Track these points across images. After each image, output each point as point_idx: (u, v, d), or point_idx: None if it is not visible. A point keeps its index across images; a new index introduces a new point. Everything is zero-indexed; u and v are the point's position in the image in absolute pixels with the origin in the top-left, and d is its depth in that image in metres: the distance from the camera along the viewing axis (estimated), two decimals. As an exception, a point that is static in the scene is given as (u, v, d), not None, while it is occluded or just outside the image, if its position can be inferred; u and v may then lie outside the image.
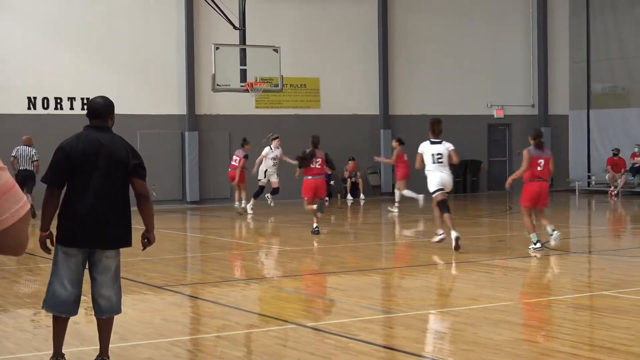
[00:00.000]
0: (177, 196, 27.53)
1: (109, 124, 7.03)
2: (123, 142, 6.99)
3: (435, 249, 14.95)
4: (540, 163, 14.80)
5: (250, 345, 8.18)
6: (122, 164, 6.84)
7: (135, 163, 6.88)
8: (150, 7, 27.32)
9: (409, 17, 31.02)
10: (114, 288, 7.00)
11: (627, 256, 14.67)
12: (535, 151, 14.83)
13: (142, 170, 6.93)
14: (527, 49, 33.18)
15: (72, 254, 6.86)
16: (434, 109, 31.28)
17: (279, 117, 28.70)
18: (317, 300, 10.90)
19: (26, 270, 13.32)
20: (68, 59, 26.17)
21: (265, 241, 17.90)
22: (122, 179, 6.87)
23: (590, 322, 8.96)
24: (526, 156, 14.82)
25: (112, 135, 6.98)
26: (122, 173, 6.85)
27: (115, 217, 6.85)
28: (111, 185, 6.83)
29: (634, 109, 31.58)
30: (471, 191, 31.62)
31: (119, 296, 7.04)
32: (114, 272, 6.97)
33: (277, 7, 28.78)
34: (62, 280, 6.87)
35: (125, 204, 6.92)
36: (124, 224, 6.90)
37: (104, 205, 6.81)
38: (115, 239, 6.89)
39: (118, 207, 6.87)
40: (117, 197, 6.85)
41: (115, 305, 7.02)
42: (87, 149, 6.82)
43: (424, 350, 7.57)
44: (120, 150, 6.89)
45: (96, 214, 6.78)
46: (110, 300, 6.98)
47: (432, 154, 15.06)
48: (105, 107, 7.04)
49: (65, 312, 6.97)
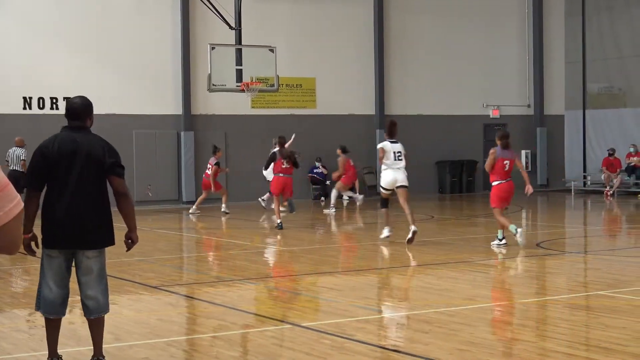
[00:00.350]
0: (172, 196, 27.51)
1: (87, 124, 6.97)
2: (100, 141, 6.92)
3: (431, 250, 14.94)
4: (506, 164, 15.09)
5: (246, 345, 8.18)
6: (98, 163, 6.79)
7: (111, 161, 6.81)
8: (146, 7, 27.29)
9: (405, 17, 31.03)
10: (99, 288, 6.93)
11: (623, 256, 14.69)
12: (502, 152, 15.12)
13: (119, 169, 6.86)
14: (522, 49, 33.21)
15: (54, 256, 6.88)
16: (430, 109, 31.34)
17: (274, 117, 28.69)
18: (313, 300, 10.90)
19: (22, 270, 13.29)
20: (64, 59, 26.14)
21: (261, 241, 17.89)
22: (100, 178, 6.83)
23: (586, 322, 8.96)
24: (491, 155, 15.12)
25: (89, 135, 6.93)
26: (99, 172, 6.81)
27: (94, 217, 6.81)
28: (89, 185, 6.79)
29: (630, 109, 31.62)
30: (467, 191, 31.64)
31: (105, 296, 6.98)
32: (97, 273, 6.90)
33: (273, 7, 28.77)
34: (48, 282, 6.90)
35: (104, 203, 6.88)
36: (103, 223, 6.86)
37: (82, 205, 6.77)
38: (94, 239, 6.85)
39: (96, 207, 6.83)
40: (95, 196, 6.81)
41: (103, 305, 6.97)
42: (63, 150, 6.79)
43: (419, 350, 7.57)
44: (97, 149, 6.82)
45: (74, 215, 6.76)
46: (96, 301, 6.93)
47: (393, 152, 15.76)
48: (83, 107, 6.97)
49: (53, 313, 6.96)
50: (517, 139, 33.33)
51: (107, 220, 6.90)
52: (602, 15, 32.41)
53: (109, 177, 6.84)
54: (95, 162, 6.79)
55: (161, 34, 27.45)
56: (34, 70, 25.77)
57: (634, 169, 29.72)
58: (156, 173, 27.20)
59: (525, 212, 24.42)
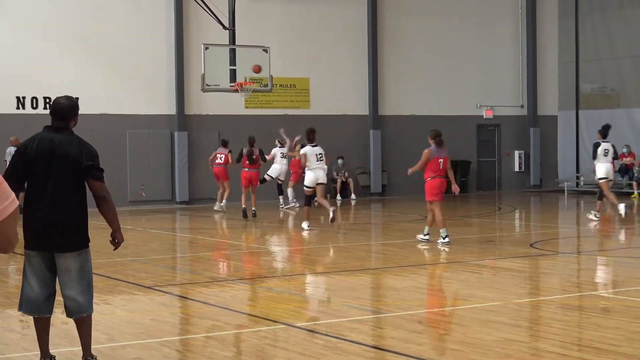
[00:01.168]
0: (166, 196, 27.49)
1: (70, 124, 6.93)
2: (79, 143, 6.85)
3: (425, 250, 14.95)
4: (441, 162, 15.62)
5: (239, 345, 8.17)
6: (75, 165, 6.73)
7: (88, 164, 6.75)
8: (140, 7, 27.27)
9: (399, 17, 31.04)
10: (78, 289, 6.84)
11: (616, 257, 14.71)
12: (437, 151, 15.64)
13: (97, 172, 6.80)
14: (516, 50, 33.25)
15: (32, 256, 6.87)
16: (424, 109, 31.35)
17: (268, 117, 28.69)
18: (307, 300, 10.90)
19: (15, 270, 13.27)
20: (57, 59, 26.10)
21: (255, 241, 17.88)
22: (76, 180, 6.76)
23: (579, 322, 8.98)
24: (426, 155, 15.58)
25: (69, 136, 6.86)
26: (75, 174, 6.75)
27: (67, 219, 6.76)
28: (64, 187, 6.74)
29: (623, 109, 31.67)
30: (461, 191, 31.57)
31: (86, 296, 6.87)
32: (75, 273, 6.82)
33: (267, 7, 28.76)
34: (30, 281, 6.89)
35: (79, 205, 6.82)
36: (76, 225, 6.81)
37: (56, 207, 6.72)
38: (67, 241, 6.79)
39: (71, 209, 6.77)
40: (69, 198, 6.76)
41: (83, 306, 6.87)
42: (41, 150, 6.75)
43: (413, 350, 7.57)
44: (74, 150, 6.76)
45: (47, 216, 6.72)
46: (75, 301, 6.86)
47: (315, 154, 17.99)
48: (69, 108, 6.94)
49: (36, 312, 6.94)
50: (510, 140, 33.47)
51: (80, 222, 6.83)
52: (595, 16, 32.47)
53: (87, 180, 6.78)
54: (71, 163, 6.73)
55: (155, 34, 27.42)
56: (28, 70, 25.73)
57: (627, 170, 29.77)
58: (150, 173, 27.17)
59: (519, 212, 24.45)
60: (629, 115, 31.37)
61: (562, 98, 33.52)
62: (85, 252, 6.89)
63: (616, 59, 31.83)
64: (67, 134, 6.86)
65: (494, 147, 33.33)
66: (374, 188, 30.58)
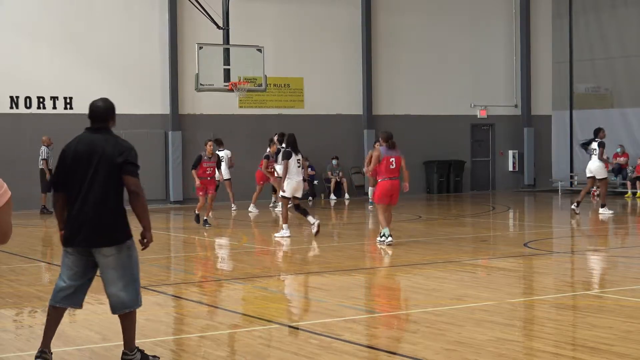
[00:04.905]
0: (160, 196, 27.46)
1: (108, 125, 7.11)
2: (115, 141, 7.01)
3: (419, 249, 14.96)
4: (392, 162, 15.56)
5: (233, 345, 8.17)
6: (110, 162, 6.88)
7: (122, 160, 6.89)
8: (133, 6, 27.25)
9: (393, 17, 31.06)
10: (120, 285, 6.94)
11: (610, 256, 14.74)
12: (387, 151, 15.60)
13: (131, 167, 6.92)
14: (510, 50, 33.28)
15: (70, 253, 7.03)
16: (418, 109, 31.38)
17: (262, 117, 28.69)
18: (301, 300, 10.90)
19: (8, 270, 13.25)
20: (51, 59, 26.07)
21: (249, 241, 17.88)
22: (113, 178, 6.89)
23: (573, 321, 8.99)
24: (375, 155, 15.58)
25: (107, 136, 7.03)
26: (111, 171, 6.88)
27: (103, 215, 6.88)
28: (100, 184, 6.87)
29: (617, 109, 31.72)
30: (454, 191, 31.68)
31: (129, 291, 6.96)
32: (116, 270, 6.93)
33: (261, 7, 28.75)
34: (62, 276, 7.07)
35: (115, 201, 6.93)
36: (113, 221, 6.91)
37: (93, 204, 6.87)
38: (103, 236, 6.90)
39: (106, 206, 6.89)
40: (105, 195, 6.88)
41: (127, 301, 6.97)
42: (80, 150, 6.97)
43: (407, 350, 7.58)
44: (109, 148, 6.92)
45: (86, 214, 6.88)
46: (117, 297, 6.97)
47: (296, 161, 17.21)
48: (104, 110, 7.12)
49: (58, 301, 7.04)
50: (504, 139, 33.50)
51: (116, 218, 6.94)
52: (589, 16, 32.51)
53: (122, 176, 6.91)
54: (107, 161, 6.88)
55: (149, 34, 27.40)
56: (21, 69, 25.69)
57: (621, 169, 29.82)
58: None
59: (513, 212, 24.49)
60: (622, 115, 31.42)
61: (556, 98, 33.57)
62: (126, 247, 6.97)
63: (610, 59, 31.87)
64: (104, 133, 7.04)
65: (488, 147, 33.36)
66: (368, 188, 30.56)
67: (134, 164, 6.95)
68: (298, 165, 17.18)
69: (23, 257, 14.73)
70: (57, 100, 26.17)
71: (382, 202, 15.63)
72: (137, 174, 6.94)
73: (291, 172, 17.12)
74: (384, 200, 15.61)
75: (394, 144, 15.69)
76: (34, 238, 18.55)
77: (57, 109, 26.03)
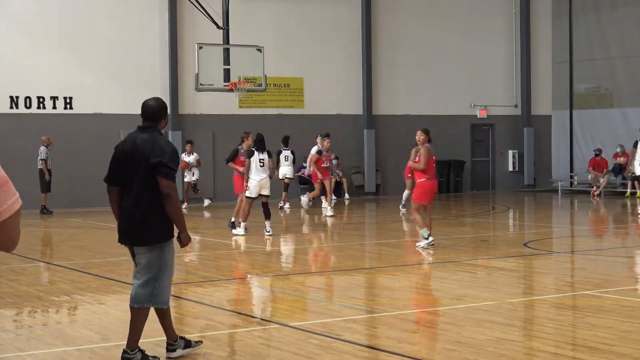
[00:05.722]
0: (160, 196, 27.41)
1: (158, 125, 7.23)
2: (154, 141, 7.06)
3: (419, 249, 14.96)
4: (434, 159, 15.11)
5: (233, 345, 8.17)
6: (146, 162, 6.96)
7: (156, 161, 6.94)
8: (133, 6, 27.24)
9: (393, 17, 31.06)
10: (141, 280, 7.09)
11: (610, 256, 14.74)
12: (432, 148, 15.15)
13: (163, 168, 6.94)
14: (510, 50, 33.29)
15: (127, 250, 7.27)
16: (417, 109, 31.36)
17: (262, 116, 28.68)
18: (301, 300, 10.90)
19: (8, 270, 13.25)
20: (51, 59, 26.06)
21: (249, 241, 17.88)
22: (149, 177, 6.96)
23: (572, 321, 8.99)
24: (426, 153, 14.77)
25: (151, 135, 7.10)
26: (147, 171, 6.97)
27: (138, 215, 7.01)
28: (139, 184, 7.00)
29: (617, 109, 31.73)
30: (454, 191, 31.69)
31: (146, 288, 7.07)
32: (142, 266, 7.08)
33: (260, 7, 28.75)
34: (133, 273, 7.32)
35: (150, 202, 6.98)
36: (146, 222, 7.00)
37: (132, 203, 7.03)
38: (136, 236, 7.06)
39: (142, 205, 6.99)
40: (142, 195, 6.99)
41: (140, 297, 7.08)
42: (126, 149, 7.12)
43: (406, 350, 7.58)
44: (147, 148, 6.99)
45: (126, 211, 7.06)
46: (135, 290, 7.12)
47: (257, 160, 17.25)
48: (153, 109, 7.26)
49: (130, 300, 7.21)
50: (504, 139, 33.50)
51: (153, 219, 6.99)
52: (589, 16, 32.51)
53: (156, 177, 6.95)
54: (145, 161, 6.97)
55: (149, 34, 27.40)
56: (21, 69, 25.69)
57: (621, 169, 29.82)
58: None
59: (512, 212, 24.48)
60: (622, 115, 31.43)
61: (556, 98, 33.57)
62: (159, 247, 7.05)
63: (610, 59, 31.88)
64: (150, 132, 7.13)
65: (488, 147, 33.36)
66: (368, 187, 30.60)
67: (167, 166, 6.94)
68: (261, 164, 17.21)
69: (23, 257, 14.73)
70: (57, 100, 26.16)
71: (421, 201, 14.83)
72: (170, 176, 6.96)
73: (252, 171, 17.24)
74: (422, 200, 14.81)
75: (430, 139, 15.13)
76: (33, 238, 18.55)
77: (57, 109, 26.02)
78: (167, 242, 7.08)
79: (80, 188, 25.48)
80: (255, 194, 17.33)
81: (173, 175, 6.99)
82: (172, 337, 7.35)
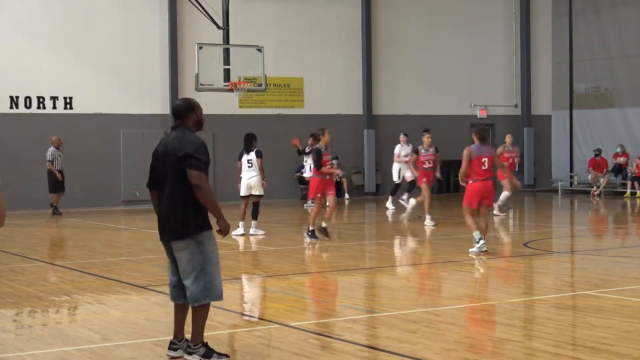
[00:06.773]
0: (160, 196, 27.42)
1: (187, 122, 7.27)
2: (182, 136, 7.16)
3: (419, 249, 14.96)
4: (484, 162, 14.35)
5: (234, 345, 8.17)
6: (175, 157, 7.05)
7: (183, 153, 7.02)
8: (133, 6, 27.25)
9: (393, 17, 31.06)
10: (190, 278, 7.12)
11: (610, 256, 14.73)
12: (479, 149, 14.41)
13: (191, 159, 7.00)
14: (510, 50, 33.29)
15: (164, 247, 7.35)
16: (417, 109, 31.37)
17: (262, 116, 28.69)
18: (301, 300, 10.90)
19: (8, 270, 13.25)
20: (51, 59, 26.07)
21: (249, 241, 17.88)
22: (179, 172, 7.04)
23: (572, 321, 8.99)
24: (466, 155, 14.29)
25: (180, 133, 7.20)
26: (177, 166, 7.04)
27: (172, 211, 7.10)
28: (171, 180, 7.09)
29: (617, 109, 31.73)
30: (454, 191, 31.68)
31: (198, 285, 7.11)
32: (186, 264, 7.11)
33: (260, 7, 28.75)
34: (168, 269, 7.45)
35: (183, 196, 7.05)
36: (181, 216, 7.06)
37: (166, 200, 7.14)
38: (172, 231, 7.14)
39: (175, 200, 7.08)
40: (174, 190, 7.07)
41: (196, 295, 7.13)
42: (159, 150, 7.27)
43: (406, 350, 7.58)
44: (176, 144, 7.09)
45: (162, 210, 7.19)
46: (189, 290, 7.17)
47: (246, 160, 17.62)
48: (180, 107, 7.33)
49: (170, 296, 7.46)
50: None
51: (187, 212, 7.05)
52: (589, 16, 32.51)
53: (185, 169, 7.02)
54: (174, 157, 7.06)
55: (149, 34, 27.40)
56: (21, 69, 25.70)
57: (621, 169, 29.83)
58: (144, 173, 27.07)
59: (513, 212, 24.47)
60: (622, 115, 31.44)
61: (556, 98, 33.57)
62: (196, 241, 7.09)
63: (610, 58, 31.88)
64: (179, 130, 7.23)
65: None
66: (368, 187, 30.60)
67: (194, 157, 7.01)
68: (249, 165, 17.55)
69: (23, 257, 14.73)
70: (57, 100, 26.16)
71: (470, 205, 14.25)
72: (199, 167, 6.99)
73: (241, 172, 17.70)
74: (471, 203, 14.25)
75: (485, 138, 14.62)
76: (33, 238, 18.54)
77: (57, 109, 26.01)
78: (204, 234, 7.12)
79: (81, 188, 25.46)
80: (245, 193, 17.74)
81: (201, 166, 7.00)
82: (196, 341, 7.28)
